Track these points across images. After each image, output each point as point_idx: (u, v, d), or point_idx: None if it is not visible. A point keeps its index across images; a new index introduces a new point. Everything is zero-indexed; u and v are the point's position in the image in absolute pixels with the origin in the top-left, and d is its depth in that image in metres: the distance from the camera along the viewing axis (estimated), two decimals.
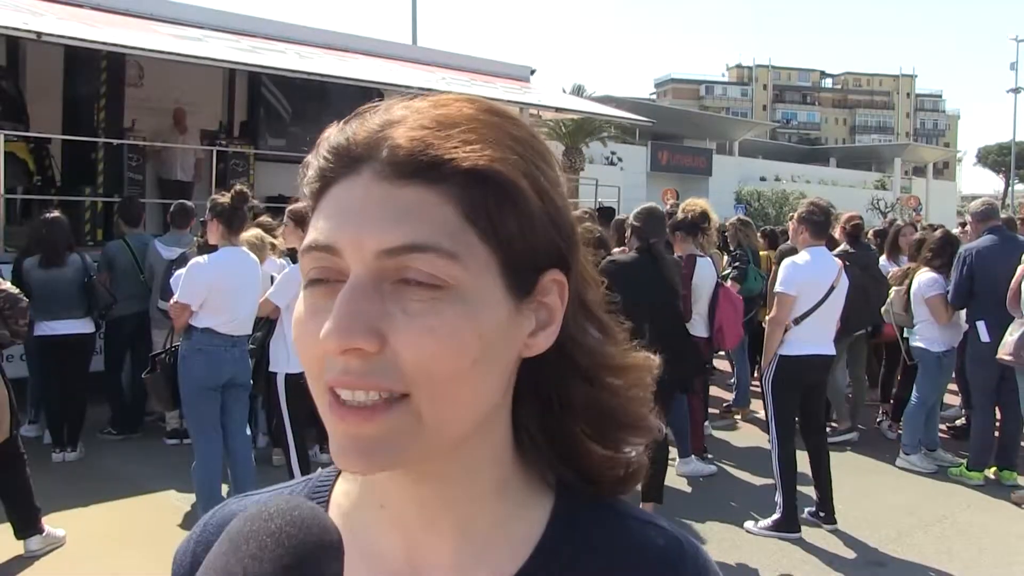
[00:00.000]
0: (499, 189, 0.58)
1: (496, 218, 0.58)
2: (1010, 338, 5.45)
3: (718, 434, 7.00)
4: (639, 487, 0.73)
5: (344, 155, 0.59)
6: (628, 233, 5.05)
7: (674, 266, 5.06)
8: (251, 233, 5.07)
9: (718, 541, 4.70)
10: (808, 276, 4.82)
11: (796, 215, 5.07)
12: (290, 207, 4.90)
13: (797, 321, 4.82)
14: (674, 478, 5.55)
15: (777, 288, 4.86)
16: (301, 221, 4.72)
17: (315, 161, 0.62)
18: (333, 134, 0.61)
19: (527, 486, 0.67)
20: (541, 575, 0.65)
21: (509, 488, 0.66)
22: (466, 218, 0.57)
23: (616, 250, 5.40)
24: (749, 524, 4.96)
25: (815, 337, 4.85)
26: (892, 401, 7.32)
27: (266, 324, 4.98)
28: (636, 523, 0.69)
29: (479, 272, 0.57)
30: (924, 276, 6.22)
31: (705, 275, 5.73)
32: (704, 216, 5.84)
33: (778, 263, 5.96)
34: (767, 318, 5.00)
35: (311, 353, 0.58)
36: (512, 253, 0.59)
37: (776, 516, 4.87)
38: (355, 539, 0.65)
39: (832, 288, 4.86)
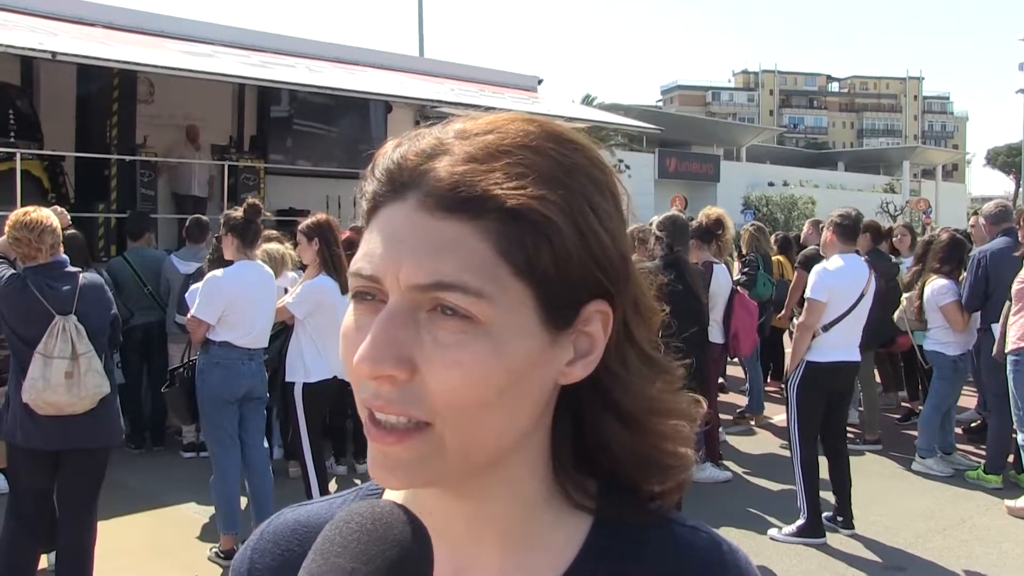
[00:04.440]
0: (535, 227, 0.58)
1: (532, 255, 0.58)
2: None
3: (732, 440, 6.99)
4: None
5: (394, 179, 0.61)
6: (651, 242, 5.08)
7: (698, 275, 5.08)
8: (271, 246, 5.11)
9: None
10: (839, 282, 4.79)
11: (827, 223, 5.04)
12: (302, 223, 4.93)
13: (826, 328, 4.78)
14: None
15: (808, 294, 4.83)
16: (312, 236, 4.74)
17: (370, 180, 0.63)
18: (387, 154, 0.62)
19: (569, 495, 0.68)
20: None
21: (552, 499, 0.68)
22: (501, 254, 0.58)
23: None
24: (773, 531, 4.94)
25: (843, 343, 4.82)
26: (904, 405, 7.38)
27: (282, 334, 5.01)
28: (679, 527, 0.69)
29: (511, 308, 0.58)
30: (936, 283, 6.20)
31: (721, 282, 5.75)
32: (719, 223, 5.86)
33: (804, 268, 5.92)
34: (795, 324, 4.98)
35: (350, 368, 0.60)
36: (547, 287, 0.59)
37: (800, 522, 4.85)
38: None
39: (862, 295, 4.83)
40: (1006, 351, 5.46)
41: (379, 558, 0.52)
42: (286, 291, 5.09)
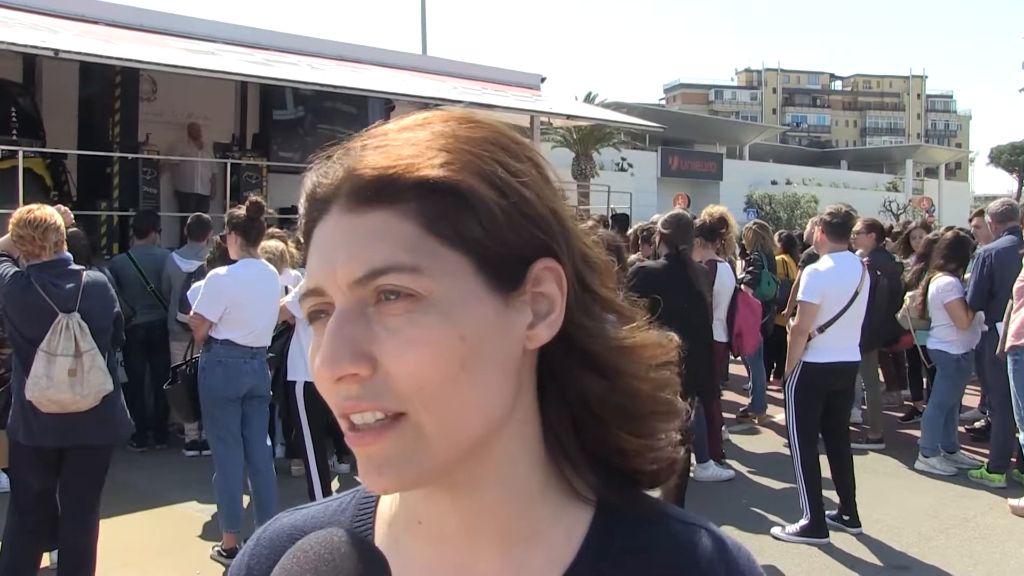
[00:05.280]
0: (452, 194, 0.59)
1: (456, 222, 0.59)
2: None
3: (735, 439, 6.99)
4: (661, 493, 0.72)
5: (315, 199, 0.62)
6: (657, 240, 5.07)
7: (703, 274, 5.06)
8: (270, 244, 5.10)
9: None
10: (831, 283, 4.76)
11: (817, 220, 5.04)
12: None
13: (822, 329, 4.75)
14: (692, 483, 5.53)
15: (800, 296, 4.80)
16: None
17: (300, 208, 0.65)
18: (307, 180, 0.64)
19: (567, 488, 0.67)
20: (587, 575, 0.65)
21: (549, 491, 0.67)
22: (426, 229, 0.58)
23: (633, 256, 5.42)
24: (776, 530, 4.93)
25: (840, 343, 4.79)
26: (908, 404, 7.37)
27: (284, 333, 5.00)
28: (679, 524, 0.69)
29: (451, 276, 0.59)
30: (941, 280, 6.18)
31: (725, 280, 5.75)
32: (722, 221, 5.85)
33: (803, 267, 5.92)
34: (791, 326, 4.95)
35: (320, 386, 0.60)
36: (483, 251, 0.60)
37: (803, 522, 4.84)
38: (399, 553, 0.66)
39: (856, 293, 4.80)
40: (1005, 349, 5.46)
41: None
42: (287, 290, 5.09)
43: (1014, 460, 5.98)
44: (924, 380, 7.59)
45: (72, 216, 5.05)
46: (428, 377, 0.57)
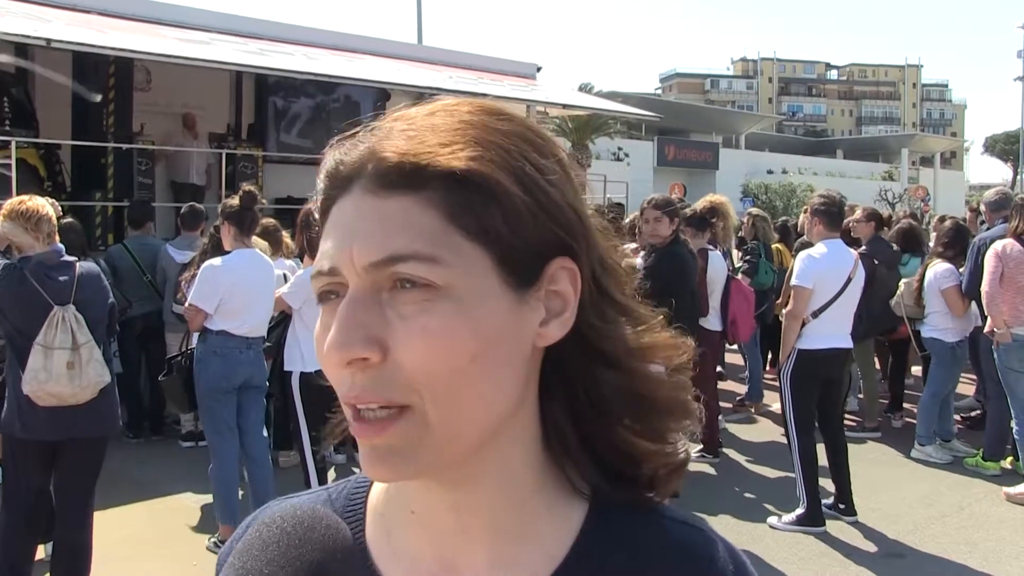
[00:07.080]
0: (478, 187, 0.58)
1: (480, 215, 0.58)
2: None
3: (732, 428, 7.00)
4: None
5: (337, 176, 0.62)
6: (662, 223, 5.04)
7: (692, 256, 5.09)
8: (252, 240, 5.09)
9: (735, 534, 4.69)
10: (825, 269, 4.78)
11: (809, 208, 5.05)
12: (302, 211, 4.90)
13: (815, 314, 4.78)
14: (686, 472, 5.55)
15: (794, 281, 4.83)
16: (307, 225, 4.70)
17: (318, 184, 0.64)
18: (328, 157, 0.63)
19: (561, 486, 0.67)
20: (577, 574, 0.65)
21: (543, 489, 0.66)
22: (449, 220, 0.58)
23: (631, 245, 5.41)
24: (773, 519, 4.94)
25: (833, 330, 4.81)
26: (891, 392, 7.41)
27: (281, 323, 4.99)
28: (671, 523, 0.68)
29: (469, 270, 0.58)
30: (939, 267, 6.19)
31: (717, 269, 5.74)
32: (712, 211, 5.85)
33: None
34: (784, 311, 4.98)
35: (327, 370, 0.60)
36: (503, 247, 0.59)
37: (800, 511, 4.85)
38: (389, 540, 0.67)
39: (849, 280, 4.83)
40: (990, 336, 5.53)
41: (298, 561, 0.53)
42: (286, 278, 5.07)
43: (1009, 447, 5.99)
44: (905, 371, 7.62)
45: (60, 208, 5.03)
46: (438, 368, 0.57)
